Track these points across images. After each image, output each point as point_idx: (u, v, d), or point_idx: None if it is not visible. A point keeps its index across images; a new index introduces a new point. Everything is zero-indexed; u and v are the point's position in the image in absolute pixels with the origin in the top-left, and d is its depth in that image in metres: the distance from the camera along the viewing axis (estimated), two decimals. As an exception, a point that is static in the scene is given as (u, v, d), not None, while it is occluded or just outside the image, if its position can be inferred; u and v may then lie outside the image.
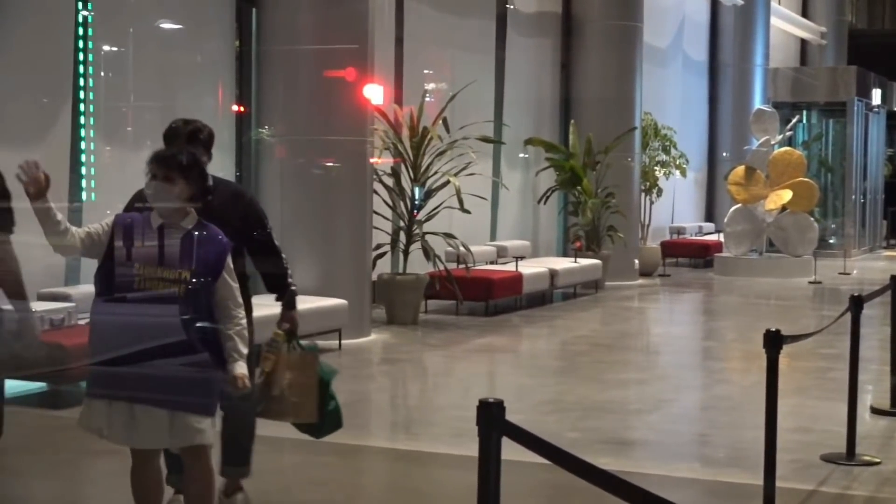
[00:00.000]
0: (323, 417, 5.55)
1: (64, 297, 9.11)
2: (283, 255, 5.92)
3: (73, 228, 4.79)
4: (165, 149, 5.02)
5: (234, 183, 5.80)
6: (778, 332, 5.92)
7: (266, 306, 6.13)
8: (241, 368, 4.83)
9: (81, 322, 8.75)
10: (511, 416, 3.50)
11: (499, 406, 3.45)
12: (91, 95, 10.73)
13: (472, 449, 3.55)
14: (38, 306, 8.20)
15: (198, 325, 4.73)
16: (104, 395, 4.74)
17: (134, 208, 5.09)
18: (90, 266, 5.45)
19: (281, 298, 5.81)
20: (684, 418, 9.13)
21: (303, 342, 5.61)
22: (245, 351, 4.86)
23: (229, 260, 4.89)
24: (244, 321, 4.90)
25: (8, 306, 5.10)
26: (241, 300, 4.90)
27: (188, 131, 5.64)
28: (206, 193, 4.99)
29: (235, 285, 4.89)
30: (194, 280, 4.70)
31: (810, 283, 19.44)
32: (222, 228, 5.16)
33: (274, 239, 5.90)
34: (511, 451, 3.66)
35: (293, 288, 5.83)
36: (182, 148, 5.11)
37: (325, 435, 5.69)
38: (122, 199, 5.64)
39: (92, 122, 10.71)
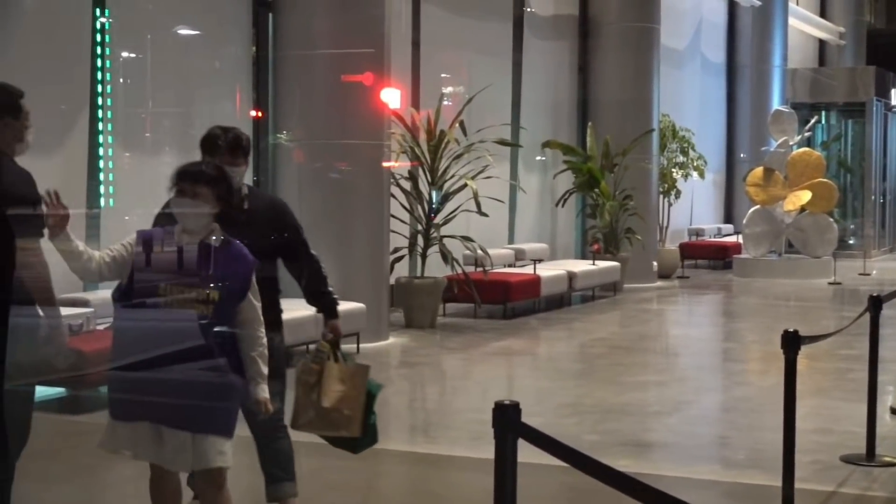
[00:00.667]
0: (364, 431, 5.45)
1: (83, 303, 9.14)
2: (322, 265, 5.79)
3: (97, 255, 4.66)
4: (192, 163, 4.84)
5: (268, 193, 5.49)
6: (796, 332, 5.89)
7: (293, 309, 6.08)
8: (264, 392, 4.78)
9: (100, 328, 8.78)
10: (530, 420, 3.50)
11: (514, 408, 3.45)
12: (109, 102, 10.77)
13: (490, 452, 3.54)
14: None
15: (224, 345, 4.64)
16: (128, 418, 4.63)
17: (160, 225, 4.93)
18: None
19: (321, 309, 5.72)
20: (704, 420, 9.11)
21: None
22: (266, 372, 4.79)
23: (254, 278, 4.78)
24: (265, 341, 4.80)
25: (38, 312, 5.12)
26: (262, 318, 4.79)
27: (230, 139, 5.51)
28: (234, 207, 4.91)
29: (258, 304, 4.78)
30: (221, 301, 4.58)
31: (830, 284, 19.37)
32: (259, 239, 5.16)
33: (311, 248, 5.77)
34: (529, 454, 3.66)
35: (334, 296, 5.74)
36: (207, 160, 4.98)
37: (363, 450, 5.57)
38: (140, 205, 5.68)
39: (110, 128, 10.75)
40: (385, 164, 12.30)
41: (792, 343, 5.86)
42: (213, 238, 4.66)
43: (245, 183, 5.54)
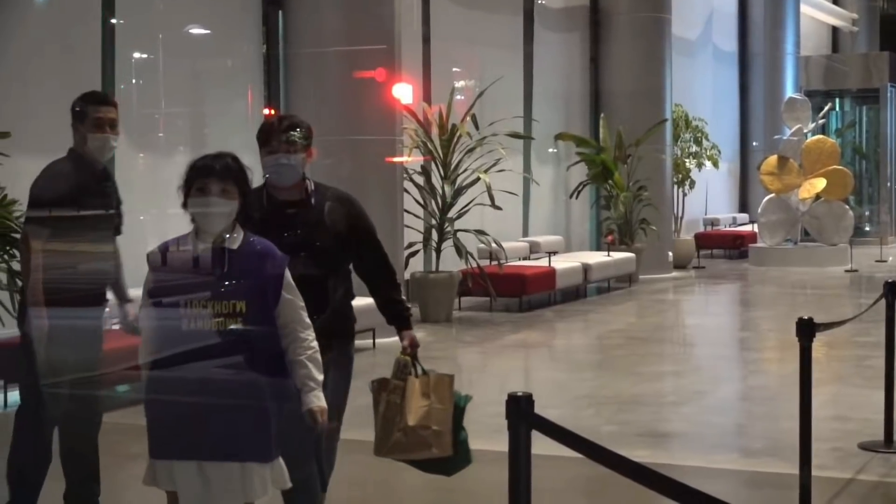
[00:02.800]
0: (456, 450, 4.92)
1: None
2: (395, 271, 5.37)
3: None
4: (211, 157, 4.24)
5: (338, 188, 5.24)
6: (811, 320, 5.88)
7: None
8: (320, 399, 4.24)
9: (114, 327, 8.79)
10: (547, 411, 3.50)
11: (527, 399, 3.45)
12: (121, 102, 10.78)
13: (506, 444, 3.55)
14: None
15: (265, 359, 4.17)
16: (168, 455, 4.16)
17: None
18: (132, 270, 5.51)
19: (393, 318, 5.23)
20: (721, 409, 9.09)
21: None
22: (321, 378, 4.27)
23: (288, 275, 4.25)
24: (315, 343, 4.28)
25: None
26: (308, 320, 4.28)
27: (285, 125, 5.00)
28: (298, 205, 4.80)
29: (300, 303, 4.27)
30: (251, 309, 4.07)
31: (846, 271, 19.31)
32: (322, 238, 4.90)
33: (384, 252, 5.30)
34: (544, 446, 3.66)
35: (407, 304, 5.31)
36: (222, 153, 4.41)
37: (456, 471, 5.06)
38: (153, 206, 5.68)
39: (123, 129, 10.76)
40: (397, 160, 12.31)
41: (807, 330, 5.85)
42: (234, 238, 4.17)
43: (310, 178, 5.10)
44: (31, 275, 5.51)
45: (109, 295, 5.73)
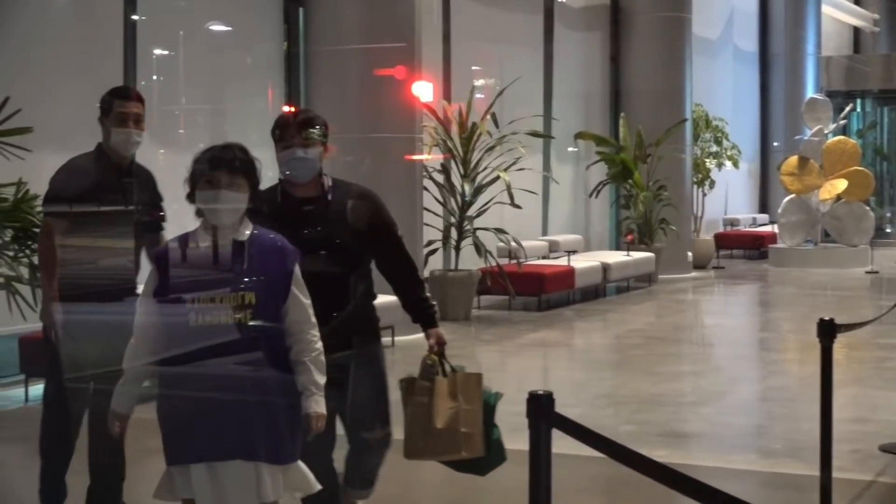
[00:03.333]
0: (488, 449, 4.81)
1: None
2: (418, 268, 5.22)
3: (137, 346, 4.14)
4: (219, 147, 4.12)
5: (357, 184, 5.06)
6: (832, 321, 5.86)
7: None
8: (319, 405, 4.09)
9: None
10: (566, 411, 3.49)
11: (548, 398, 3.44)
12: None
13: (526, 443, 3.54)
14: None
15: (277, 354, 4.06)
16: (183, 460, 4.04)
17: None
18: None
19: (418, 317, 5.07)
20: (740, 410, 9.07)
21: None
22: (322, 382, 4.12)
23: (298, 271, 4.11)
24: (319, 345, 4.14)
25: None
26: (314, 319, 4.14)
27: (301, 120, 4.88)
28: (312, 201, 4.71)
29: (307, 301, 4.13)
30: (260, 302, 3.96)
31: (867, 272, 19.23)
32: (340, 236, 4.78)
33: (406, 249, 5.15)
34: (564, 445, 3.65)
35: (433, 302, 5.13)
36: (230, 144, 4.25)
37: (490, 470, 4.94)
38: (174, 201, 5.65)
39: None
40: (417, 158, 12.31)
41: (828, 331, 5.82)
42: (242, 230, 4.07)
43: (327, 174, 4.96)
44: (45, 268, 5.57)
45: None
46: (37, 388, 8.75)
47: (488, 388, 4.85)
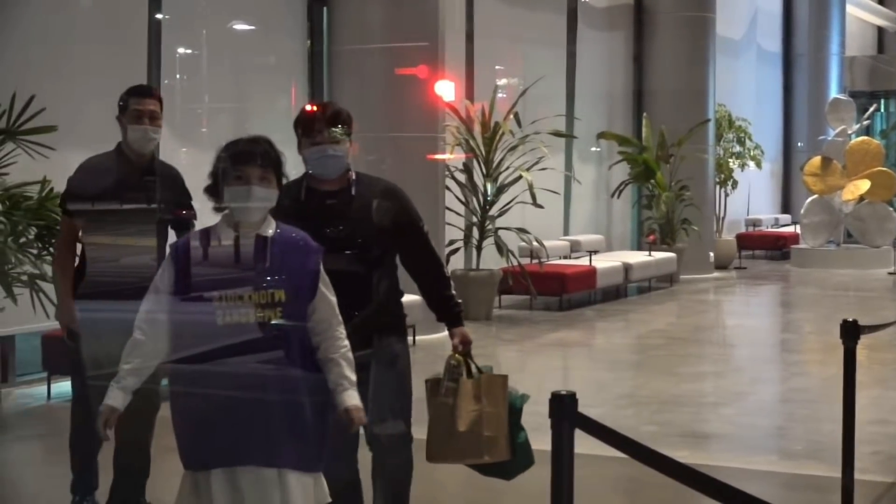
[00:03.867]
0: (513, 452, 4.69)
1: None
2: (444, 265, 5.06)
3: (140, 340, 3.95)
4: (245, 140, 4.03)
5: (382, 179, 4.97)
6: (855, 322, 5.84)
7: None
8: (354, 398, 3.96)
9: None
10: (587, 411, 3.49)
11: (571, 398, 3.44)
12: (165, 97, 10.84)
13: (545, 443, 3.54)
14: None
15: (307, 354, 3.93)
16: (201, 465, 3.87)
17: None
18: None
19: (444, 315, 4.92)
20: (761, 411, 9.06)
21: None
22: (354, 378, 4.00)
23: (322, 269, 4.00)
24: (346, 342, 4.03)
25: None
26: (340, 316, 4.03)
27: (329, 114, 4.78)
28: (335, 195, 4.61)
29: (334, 299, 4.02)
30: (289, 299, 3.83)
31: (889, 274, 19.15)
32: (364, 232, 4.68)
33: (432, 245, 5.01)
34: (583, 445, 3.66)
35: (458, 300, 4.95)
36: (258, 137, 4.11)
37: (517, 475, 4.82)
38: (195, 200, 5.66)
39: (167, 123, 10.83)
40: (440, 157, 12.32)
41: (851, 332, 5.81)
42: (266, 225, 3.93)
43: (353, 169, 4.85)
44: (60, 267, 5.61)
45: None
46: (59, 386, 8.82)
47: (514, 390, 4.73)
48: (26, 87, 7.91)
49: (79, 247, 5.66)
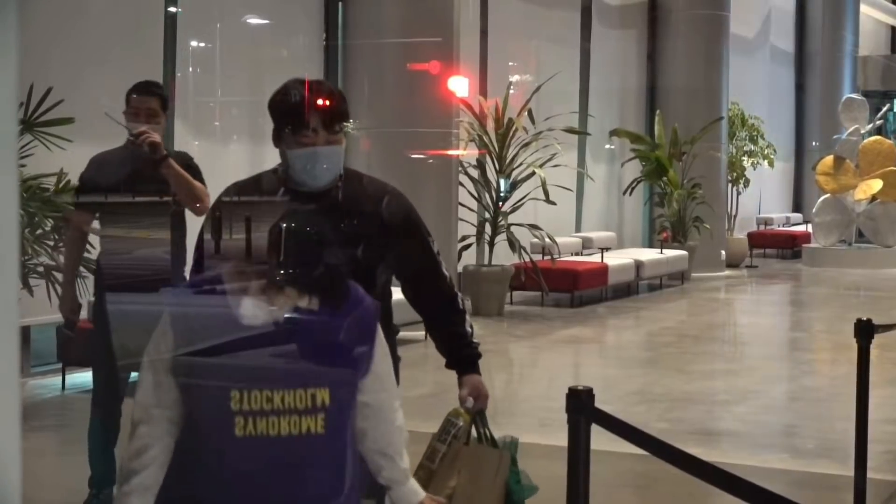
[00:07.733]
0: None
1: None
2: (459, 294, 3.76)
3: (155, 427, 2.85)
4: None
5: (378, 180, 3.82)
6: (869, 321, 5.85)
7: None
8: (417, 493, 2.99)
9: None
10: (599, 407, 3.51)
11: (588, 393, 3.46)
12: (179, 91, 10.88)
13: (558, 438, 3.56)
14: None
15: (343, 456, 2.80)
16: None
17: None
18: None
19: (454, 360, 3.67)
20: (772, 409, 9.06)
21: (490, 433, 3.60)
22: (406, 465, 2.99)
23: (381, 333, 2.93)
24: (403, 422, 3.01)
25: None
26: (397, 388, 3.09)
27: (344, 107, 3.69)
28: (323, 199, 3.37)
29: (389, 361, 3.00)
30: (336, 400, 2.73)
31: (901, 273, 19.16)
32: (356, 246, 3.43)
33: (443, 269, 3.72)
34: (597, 441, 3.68)
35: (475, 342, 3.69)
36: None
37: None
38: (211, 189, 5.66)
39: (180, 117, 10.87)
40: (453, 153, 12.33)
41: (865, 331, 5.81)
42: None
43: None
44: (65, 259, 5.66)
45: None
46: (73, 377, 8.87)
47: (527, 476, 3.58)
48: (43, 80, 7.94)
49: (96, 240, 5.71)
